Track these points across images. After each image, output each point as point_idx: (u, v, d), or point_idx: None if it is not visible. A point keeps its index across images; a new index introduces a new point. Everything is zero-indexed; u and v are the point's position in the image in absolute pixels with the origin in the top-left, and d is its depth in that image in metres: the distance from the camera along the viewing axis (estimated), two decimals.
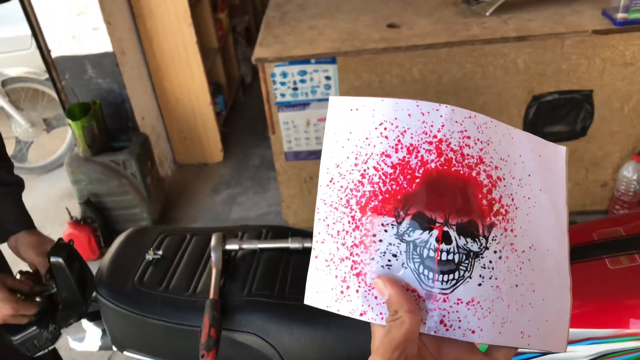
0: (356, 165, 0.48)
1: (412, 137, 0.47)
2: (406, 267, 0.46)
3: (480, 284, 0.46)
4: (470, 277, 0.46)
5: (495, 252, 0.47)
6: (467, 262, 0.46)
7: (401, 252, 0.46)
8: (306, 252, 1.17)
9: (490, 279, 0.46)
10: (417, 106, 0.47)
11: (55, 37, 2.56)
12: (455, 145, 0.47)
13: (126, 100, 2.76)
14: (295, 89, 2.20)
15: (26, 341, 1.11)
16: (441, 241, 0.46)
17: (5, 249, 1.21)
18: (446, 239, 0.46)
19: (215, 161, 3.35)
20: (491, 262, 0.47)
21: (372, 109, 0.48)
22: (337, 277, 0.47)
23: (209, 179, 3.22)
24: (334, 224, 0.48)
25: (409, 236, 0.46)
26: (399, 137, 0.47)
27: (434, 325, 0.45)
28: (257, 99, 3.79)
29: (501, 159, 0.49)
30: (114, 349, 1.22)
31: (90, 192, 2.58)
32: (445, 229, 0.46)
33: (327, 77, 2.17)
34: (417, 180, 0.46)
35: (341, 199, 0.48)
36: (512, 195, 0.49)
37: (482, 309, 0.46)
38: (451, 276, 0.46)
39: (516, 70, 2.12)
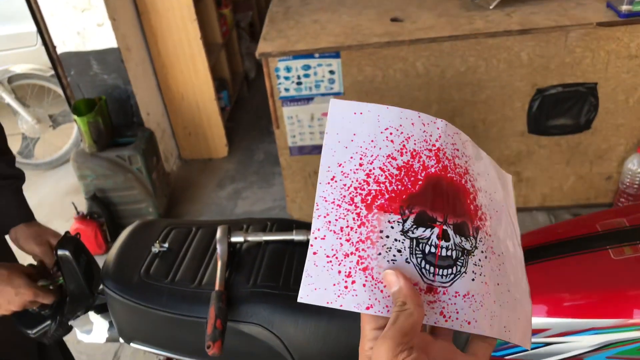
0: (361, 165, 0.50)
1: (415, 144, 0.51)
2: (409, 262, 0.48)
3: (473, 279, 0.50)
4: (465, 272, 0.49)
5: (482, 252, 0.52)
6: (462, 258, 0.50)
7: (405, 247, 0.48)
8: None
9: (480, 275, 0.50)
10: (419, 117, 0.52)
11: (60, 33, 2.57)
12: (449, 154, 0.52)
13: (131, 96, 2.77)
14: (299, 84, 2.21)
15: (41, 335, 1.14)
16: (441, 238, 0.49)
17: (10, 243, 1.22)
18: (445, 236, 0.49)
19: (220, 156, 3.36)
20: (480, 260, 0.51)
21: (378, 114, 0.52)
22: (340, 272, 0.47)
23: (213, 174, 3.23)
24: (337, 220, 0.48)
25: (413, 233, 0.49)
26: (403, 142, 0.51)
27: (434, 316, 0.48)
28: (261, 93, 3.80)
29: (478, 174, 0.55)
30: (121, 340, 1.23)
31: (96, 188, 2.60)
32: (444, 227, 0.50)
33: (331, 72, 2.17)
34: (420, 182, 0.50)
35: (344, 196, 0.49)
36: (487, 205, 0.55)
37: (476, 302, 0.49)
38: (449, 271, 0.49)
39: (520, 63, 2.12)
